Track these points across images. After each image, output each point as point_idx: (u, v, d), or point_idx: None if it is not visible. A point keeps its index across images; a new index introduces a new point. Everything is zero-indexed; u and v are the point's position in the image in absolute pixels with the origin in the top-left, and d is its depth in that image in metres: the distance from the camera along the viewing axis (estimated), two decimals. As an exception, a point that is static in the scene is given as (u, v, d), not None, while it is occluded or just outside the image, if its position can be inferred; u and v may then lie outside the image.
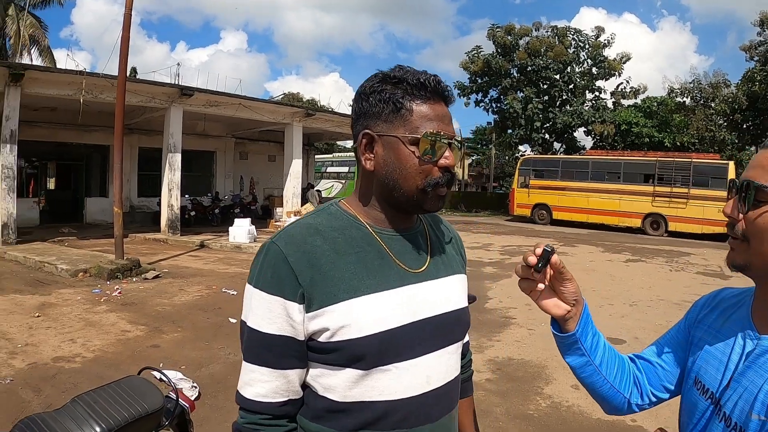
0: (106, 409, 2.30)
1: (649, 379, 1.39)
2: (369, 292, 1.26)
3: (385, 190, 1.32)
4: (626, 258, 15.85)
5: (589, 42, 33.60)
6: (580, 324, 1.32)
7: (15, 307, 8.36)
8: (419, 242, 1.41)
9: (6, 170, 14.30)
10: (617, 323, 8.31)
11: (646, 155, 25.73)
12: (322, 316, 1.23)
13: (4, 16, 27.93)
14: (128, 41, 12.04)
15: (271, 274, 1.24)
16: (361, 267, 1.28)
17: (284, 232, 1.31)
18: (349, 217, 1.36)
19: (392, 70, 1.32)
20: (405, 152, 1.27)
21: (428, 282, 1.37)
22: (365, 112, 1.32)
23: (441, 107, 1.31)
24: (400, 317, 1.28)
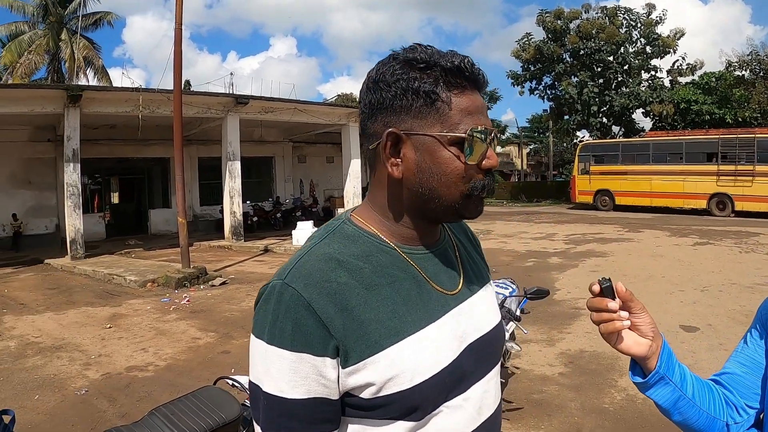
0: (183, 420, 2.29)
1: (740, 393, 1.24)
2: (414, 331, 1.04)
3: (418, 200, 1.09)
4: (694, 241, 15.32)
5: (641, 20, 32.68)
6: (661, 359, 1.16)
7: (87, 320, 8.56)
8: (450, 257, 1.22)
9: (71, 188, 14.72)
10: (689, 310, 8.00)
11: (707, 133, 24.81)
12: (364, 370, 1.00)
13: (58, 41, 28.90)
14: (181, 55, 12.21)
15: (292, 326, 0.98)
16: (399, 301, 1.05)
17: (297, 269, 1.03)
18: (371, 238, 1.11)
19: (412, 51, 1.06)
20: (445, 155, 1.04)
21: (467, 301, 1.18)
22: (386, 106, 1.06)
23: (478, 97, 1.09)
24: (450, 352, 1.09)
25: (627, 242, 15.49)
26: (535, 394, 5.18)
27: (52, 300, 10.17)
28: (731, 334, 6.64)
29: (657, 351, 1.15)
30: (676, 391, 1.17)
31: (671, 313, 7.82)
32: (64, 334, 7.75)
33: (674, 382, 1.16)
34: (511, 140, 57.06)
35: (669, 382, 1.16)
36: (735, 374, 1.26)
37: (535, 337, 6.88)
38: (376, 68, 1.09)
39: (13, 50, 27.88)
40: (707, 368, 5.59)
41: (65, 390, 5.62)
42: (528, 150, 58.10)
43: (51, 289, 11.28)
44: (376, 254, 1.09)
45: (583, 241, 16.05)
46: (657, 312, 7.84)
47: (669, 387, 1.16)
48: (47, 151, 19.25)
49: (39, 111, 14.97)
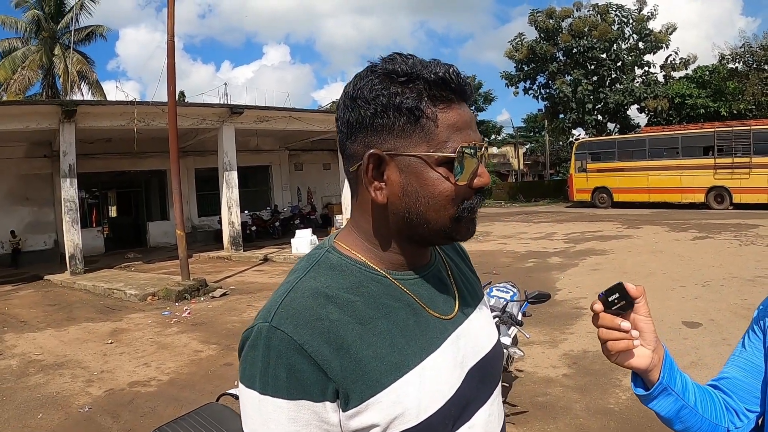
0: (186, 437, 2.27)
1: (740, 397, 1.23)
2: (415, 364, 0.97)
3: (405, 226, 1.01)
4: (693, 236, 15.30)
5: (633, 16, 32.70)
6: (664, 370, 1.12)
7: (88, 335, 8.53)
8: (443, 278, 1.14)
9: (68, 203, 14.71)
10: (691, 306, 7.98)
11: (703, 127, 24.82)
12: (367, 412, 0.92)
13: (51, 56, 28.94)
14: (174, 67, 12.20)
15: (286, 373, 0.89)
16: (397, 333, 0.98)
17: (283, 309, 0.94)
18: (359, 267, 1.03)
19: (392, 62, 0.97)
20: (433, 176, 0.96)
21: (464, 324, 1.10)
22: (366, 125, 0.97)
23: (466, 110, 1.00)
24: (453, 380, 1.02)
25: (626, 239, 15.48)
26: (539, 397, 5.17)
27: (52, 317, 10.14)
28: (734, 328, 6.63)
29: (659, 362, 1.12)
30: (678, 400, 1.14)
31: (673, 309, 7.80)
32: (66, 351, 7.72)
33: (676, 392, 1.14)
34: (507, 140, 57.08)
35: (671, 392, 1.14)
36: (734, 378, 1.24)
37: (537, 338, 6.87)
38: (353, 83, 1.00)
39: (7, 67, 27.91)
40: (711, 364, 5.58)
41: (69, 408, 5.59)
42: (524, 150, 58.14)
43: (51, 306, 11.25)
44: (367, 284, 1.00)
45: (582, 239, 16.05)
46: (659, 308, 7.82)
47: (671, 397, 1.14)
48: (44, 167, 19.26)
49: (34, 127, 14.97)
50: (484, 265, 12.27)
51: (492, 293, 4.84)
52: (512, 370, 5.47)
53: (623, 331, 1.06)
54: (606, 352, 1.09)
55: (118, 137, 18.63)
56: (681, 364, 4.87)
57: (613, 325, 1.06)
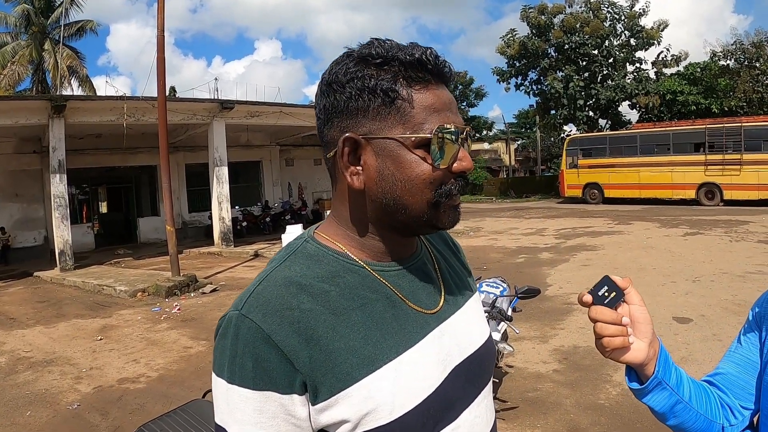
0: (171, 434, 2.25)
1: (735, 393, 1.20)
2: (390, 359, 0.93)
3: (383, 212, 0.98)
4: (684, 232, 15.38)
5: (624, 13, 32.81)
6: (659, 363, 1.10)
7: (77, 332, 8.48)
8: (428, 270, 1.10)
9: (58, 199, 14.61)
10: (682, 301, 8.01)
11: (694, 123, 24.89)
12: (337, 406, 0.89)
13: (41, 51, 28.78)
14: (164, 62, 12.14)
15: (252, 363, 0.87)
16: (371, 326, 0.94)
17: (254, 297, 0.92)
18: (336, 256, 1.00)
19: (368, 46, 0.95)
20: (410, 158, 0.93)
21: (450, 319, 1.06)
22: (341, 109, 0.95)
23: (445, 92, 0.97)
24: (433, 378, 0.98)
25: (617, 235, 15.53)
26: (529, 393, 5.17)
27: (42, 313, 10.07)
28: (724, 324, 6.66)
29: (654, 356, 1.09)
30: (673, 395, 1.12)
31: (664, 304, 7.83)
32: (55, 348, 7.67)
33: (671, 386, 1.11)
34: (499, 136, 57.16)
35: (666, 386, 1.11)
36: (729, 375, 1.22)
37: (528, 334, 6.87)
38: (329, 69, 0.98)
39: (-4, 62, 27.73)
40: (701, 360, 5.60)
41: (57, 405, 5.56)
42: (516, 146, 58.18)
43: (41, 302, 11.18)
44: (343, 275, 0.97)
45: (573, 235, 16.09)
46: (650, 304, 7.77)
47: (666, 392, 1.11)
48: (33, 163, 19.11)
49: (23, 122, 14.84)
50: (474, 261, 12.27)
51: (482, 288, 4.84)
52: (502, 365, 5.47)
53: (623, 325, 1.03)
54: (601, 348, 1.06)
55: (108, 133, 18.52)
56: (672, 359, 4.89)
57: (612, 319, 1.03)
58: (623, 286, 1.05)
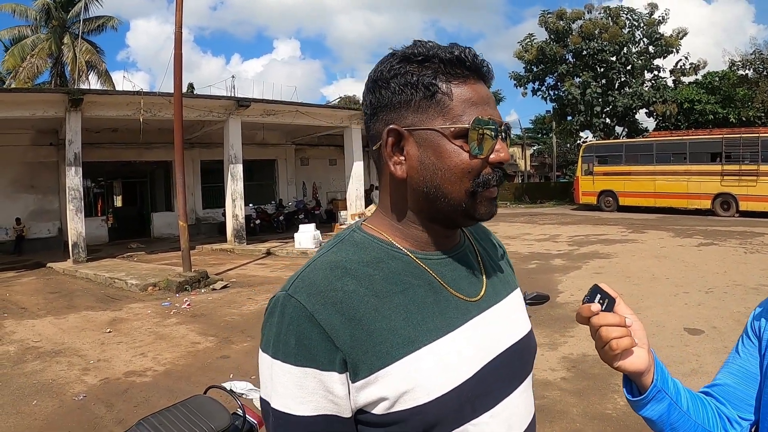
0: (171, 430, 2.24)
1: (733, 405, 1.19)
2: (431, 341, 0.97)
3: (425, 201, 1.03)
4: (698, 242, 15.18)
5: (644, 20, 32.48)
6: (657, 372, 1.09)
7: (87, 324, 8.53)
8: (471, 261, 1.13)
9: (72, 192, 14.74)
10: (694, 312, 7.92)
11: (711, 133, 24.56)
12: (376, 384, 0.92)
13: (60, 45, 29.00)
14: (181, 58, 12.20)
15: (295, 340, 0.92)
16: (413, 309, 0.98)
17: (301, 279, 0.98)
18: (381, 244, 1.05)
19: (411, 47, 1.02)
20: (449, 148, 0.98)
21: (492, 309, 1.10)
22: (386, 104, 1.01)
23: (483, 87, 1.03)
24: (473, 363, 1.00)
25: (631, 243, 15.40)
26: (536, 400, 5.07)
27: (53, 304, 10.15)
28: (736, 336, 6.45)
29: (652, 365, 1.08)
30: (672, 405, 1.10)
31: (675, 315, 7.75)
32: (64, 339, 7.72)
33: (670, 396, 1.10)
34: (515, 141, 56.94)
35: (666, 396, 1.10)
36: (727, 386, 1.21)
37: (537, 340, 6.81)
38: (375, 67, 1.05)
39: (16, 54, 27.97)
40: (712, 372, 5.50)
41: (63, 395, 5.58)
42: (531, 151, 58.01)
43: (52, 293, 11.26)
44: (387, 261, 1.03)
45: (586, 242, 15.98)
46: (661, 314, 7.79)
47: (665, 401, 1.10)
48: (50, 155, 19.29)
49: (41, 115, 15.00)
50: (486, 265, 12.22)
51: (491, 293, 4.80)
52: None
53: (627, 327, 1.03)
54: (606, 355, 1.04)
55: (124, 127, 18.69)
56: (682, 370, 4.81)
57: (616, 322, 1.03)
58: (614, 295, 1.05)
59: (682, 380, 1.18)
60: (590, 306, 1.03)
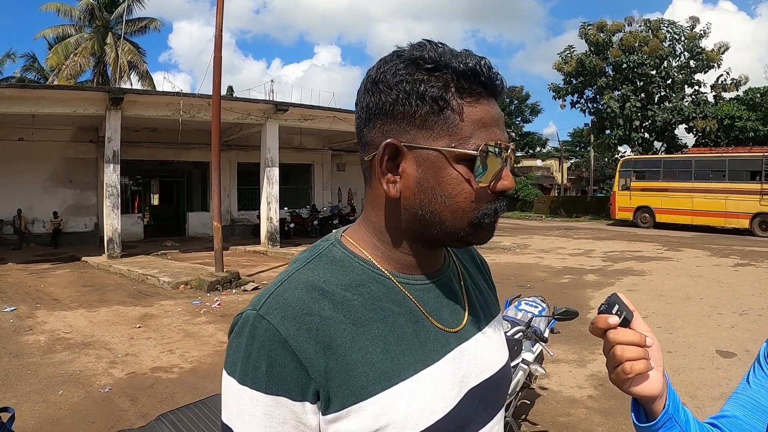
0: (189, 428, 2.25)
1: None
2: (408, 376, 0.89)
3: (418, 224, 0.94)
4: (734, 262, 14.91)
5: (685, 34, 32.02)
6: (669, 398, 0.98)
7: (118, 318, 8.64)
8: (454, 287, 1.05)
9: (110, 188, 14.97)
10: (727, 334, 7.74)
11: (751, 150, 24.13)
12: (347, 419, 0.85)
13: (103, 44, 29.58)
14: (220, 61, 12.32)
15: (266, 366, 0.84)
16: (392, 340, 0.90)
17: (274, 299, 0.89)
18: (362, 264, 0.96)
19: (420, 48, 0.90)
20: (452, 174, 0.89)
21: (471, 340, 1.02)
22: (386, 111, 0.90)
23: (495, 106, 0.93)
24: (448, 399, 0.93)
25: (666, 261, 15.16)
26: (561, 417, 5.04)
27: (85, 297, 10.30)
28: (771, 360, 6.41)
29: (666, 389, 0.98)
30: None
31: (708, 336, 7.59)
32: (94, 332, 7.82)
33: (680, 425, 0.99)
34: (552, 154, 56.56)
35: (676, 424, 0.99)
36: (736, 418, 1.10)
37: (565, 357, 6.73)
38: (377, 66, 0.93)
39: (60, 52, 28.57)
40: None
41: (89, 387, 5.65)
42: (569, 164, 57.51)
43: (85, 287, 11.44)
44: (368, 284, 0.93)
45: (621, 258, 15.76)
46: (693, 335, 7.64)
47: (675, 430, 0.99)
48: (89, 152, 19.66)
49: (81, 112, 15.29)
50: (519, 278, 12.14)
51: (520, 307, 4.74)
52: (534, 387, 5.36)
53: (646, 347, 0.92)
54: (618, 377, 0.93)
55: (163, 127, 18.95)
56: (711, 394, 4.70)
57: (636, 341, 0.91)
58: (632, 308, 0.95)
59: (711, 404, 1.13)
60: (608, 318, 0.93)
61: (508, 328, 4.08)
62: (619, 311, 0.94)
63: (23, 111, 14.70)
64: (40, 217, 18.99)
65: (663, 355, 0.97)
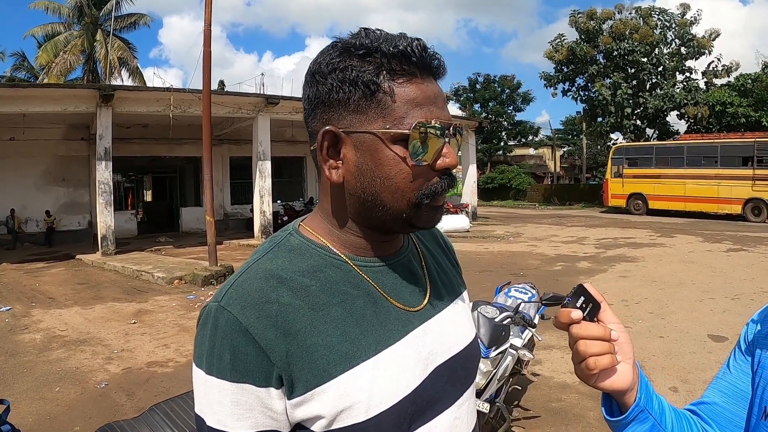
0: (182, 417, 2.27)
1: (720, 425, 1.06)
2: (369, 356, 0.91)
3: (362, 208, 0.96)
4: (727, 247, 14.99)
5: (675, 20, 31.99)
6: (641, 390, 0.96)
7: (113, 315, 8.67)
8: (414, 268, 1.07)
9: (102, 185, 14.94)
10: (719, 319, 7.80)
11: (743, 137, 24.31)
12: (312, 402, 0.88)
13: (93, 41, 29.49)
14: (210, 56, 12.28)
15: (230, 355, 0.86)
16: (351, 322, 0.92)
17: (234, 289, 0.91)
18: (319, 250, 0.98)
19: (354, 37, 0.93)
20: (387, 155, 0.90)
21: (434, 318, 1.04)
22: (323, 100, 0.93)
23: (432, 85, 0.94)
24: (413, 378, 0.96)
25: (659, 247, 15.23)
26: (553, 402, 5.10)
27: (80, 295, 10.32)
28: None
29: (637, 381, 0.96)
30: (655, 426, 0.98)
31: (700, 321, 7.65)
32: (90, 329, 7.85)
33: (653, 416, 0.98)
34: (545, 142, 56.58)
35: (649, 416, 0.97)
36: (715, 405, 1.09)
37: (557, 343, 6.78)
38: (314, 58, 0.96)
39: (49, 50, 28.48)
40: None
41: (86, 383, 5.69)
42: (561, 152, 57.52)
43: (80, 284, 11.45)
44: (325, 269, 0.96)
45: (614, 245, 15.83)
46: (685, 319, 7.70)
47: (648, 422, 0.97)
48: (81, 149, 19.61)
49: (72, 110, 15.24)
50: (512, 266, 12.19)
51: (509, 293, 4.79)
52: (526, 373, 5.40)
53: (611, 341, 0.91)
54: (583, 372, 0.91)
55: (154, 123, 18.89)
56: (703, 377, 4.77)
57: (600, 335, 0.90)
58: (599, 299, 0.95)
59: (703, 387, 1.11)
60: (571, 312, 0.91)
61: (496, 314, 4.12)
62: (585, 303, 0.92)
63: (14, 110, 14.63)
64: (34, 216, 18.96)
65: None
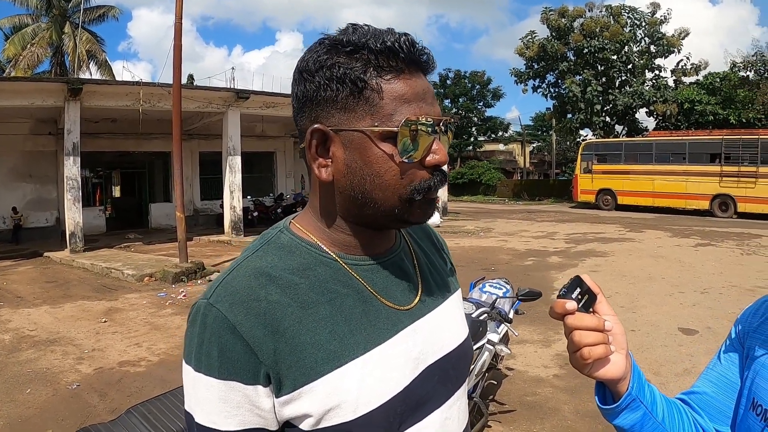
0: (159, 419, 2.26)
1: (710, 415, 1.09)
2: (357, 355, 0.91)
3: (352, 206, 0.95)
4: (695, 242, 15.27)
5: (645, 19, 32.41)
6: (633, 379, 0.98)
7: (83, 314, 8.54)
8: (405, 266, 1.06)
9: (71, 181, 14.71)
10: (688, 312, 7.95)
11: (711, 134, 24.71)
12: (300, 400, 0.88)
13: (61, 34, 28.98)
14: (180, 49, 12.16)
15: (218, 352, 0.86)
16: (340, 320, 0.92)
17: (223, 286, 0.91)
18: (309, 248, 0.98)
19: (342, 33, 0.92)
20: (376, 153, 0.90)
21: (426, 317, 1.03)
22: (311, 98, 0.92)
23: (420, 80, 0.93)
24: (402, 377, 0.95)
25: (628, 242, 15.43)
26: (528, 396, 5.14)
27: (49, 293, 10.15)
28: (729, 336, 6.58)
29: (629, 371, 0.98)
30: (646, 414, 1.00)
31: (670, 315, 7.78)
32: (59, 328, 7.72)
33: (645, 404, 1.00)
34: (515, 138, 56.97)
35: (641, 404, 0.99)
36: (705, 394, 1.12)
37: (531, 337, 6.84)
38: (302, 56, 0.95)
39: (17, 43, 27.95)
40: (703, 371, 5.54)
41: (57, 384, 5.60)
42: (531, 148, 57.97)
43: (49, 283, 11.26)
44: (315, 267, 0.95)
45: (583, 240, 16.01)
46: (655, 313, 7.82)
47: (640, 411, 0.99)
48: (48, 145, 19.23)
49: (40, 104, 14.95)
50: (483, 262, 12.25)
51: (484, 289, 4.82)
52: (501, 367, 5.44)
53: (605, 332, 0.93)
54: (578, 362, 0.94)
55: (123, 117, 18.63)
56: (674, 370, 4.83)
57: (593, 326, 0.92)
58: (596, 290, 0.96)
59: (674, 380, 1.14)
60: (566, 303, 0.93)
61: (472, 309, 4.15)
62: (581, 294, 0.94)
63: (-21, 104, 14.35)
64: (0, 213, 18.60)
65: (626, 335, 1.00)
